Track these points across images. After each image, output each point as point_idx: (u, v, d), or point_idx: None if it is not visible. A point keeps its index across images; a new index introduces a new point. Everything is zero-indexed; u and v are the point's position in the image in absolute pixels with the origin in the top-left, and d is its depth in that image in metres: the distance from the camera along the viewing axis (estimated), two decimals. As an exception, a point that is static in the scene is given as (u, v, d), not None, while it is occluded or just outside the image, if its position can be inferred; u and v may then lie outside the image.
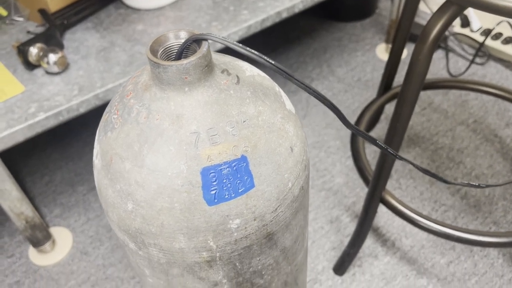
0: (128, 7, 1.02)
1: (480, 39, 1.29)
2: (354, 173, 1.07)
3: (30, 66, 0.87)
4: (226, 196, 0.31)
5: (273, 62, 0.30)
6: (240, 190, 0.31)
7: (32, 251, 0.96)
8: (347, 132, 1.16)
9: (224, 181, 0.31)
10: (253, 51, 0.30)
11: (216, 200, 0.31)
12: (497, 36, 1.28)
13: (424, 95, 1.23)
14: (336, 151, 1.11)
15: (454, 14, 0.54)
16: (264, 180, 0.32)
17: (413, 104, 0.62)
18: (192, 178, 0.30)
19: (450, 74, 1.28)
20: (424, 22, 1.43)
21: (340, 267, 0.89)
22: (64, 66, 0.86)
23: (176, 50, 0.32)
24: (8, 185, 0.81)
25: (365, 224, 0.81)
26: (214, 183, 0.31)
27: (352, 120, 1.19)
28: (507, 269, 0.87)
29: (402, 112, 0.63)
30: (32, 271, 0.93)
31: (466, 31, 1.33)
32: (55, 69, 0.85)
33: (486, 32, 1.30)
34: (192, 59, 0.29)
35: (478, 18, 1.32)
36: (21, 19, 1.01)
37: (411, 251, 0.92)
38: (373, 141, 0.39)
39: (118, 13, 1.01)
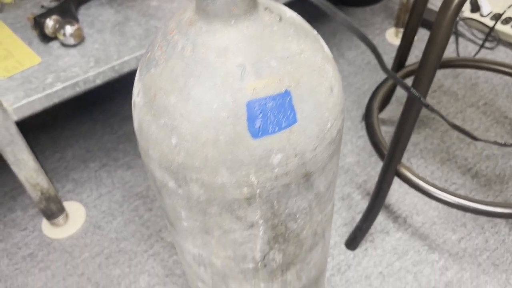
0: (142, -17, 1.02)
1: (490, 23, 1.30)
2: (365, 153, 1.07)
3: (46, 38, 0.87)
4: (270, 130, 0.31)
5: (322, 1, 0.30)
6: (283, 125, 0.32)
7: (45, 225, 0.97)
8: (358, 113, 1.16)
9: (268, 114, 0.31)
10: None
11: (260, 133, 0.31)
12: (507, 20, 1.29)
13: (435, 78, 1.24)
14: (347, 131, 1.12)
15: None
16: (305, 116, 0.32)
17: (433, 73, 0.63)
18: (237, 111, 0.31)
19: (460, 57, 1.28)
20: (435, 8, 1.43)
21: (352, 242, 0.90)
22: (80, 38, 0.86)
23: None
24: (25, 155, 0.82)
25: (379, 197, 0.81)
26: (259, 116, 0.31)
27: (364, 101, 1.19)
28: (518, 245, 0.88)
29: (422, 82, 0.64)
30: (46, 243, 0.94)
31: (476, 15, 1.33)
32: (71, 41, 0.85)
33: (496, 17, 1.30)
34: (241, -10, 0.30)
35: (488, 3, 1.32)
36: (35, -6, 1.01)
37: (422, 228, 0.92)
38: (406, 88, 0.39)
39: (132, -11, 1.01)
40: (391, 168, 0.76)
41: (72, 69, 0.83)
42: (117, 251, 0.92)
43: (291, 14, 0.35)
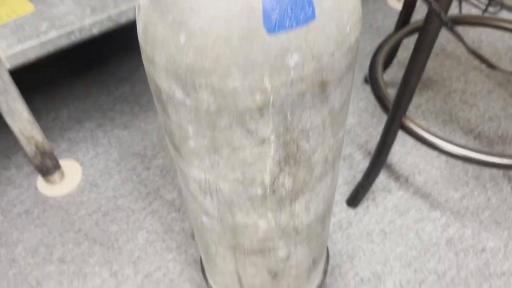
0: None
1: (494, -13, 1.27)
2: (367, 114, 1.06)
3: (40, -14, 0.84)
4: (287, 25, 0.29)
5: None
6: (301, 19, 0.29)
7: (40, 182, 0.94)
8: (360, 76, 1.14)
9: (285, 8, 0.29)
10: None
11: (276, 28, 0.29)
12: (512, -16, 1.26)
13: (437, 41, 1.22)
14: (348, 92, 1.10)
15: None
16: (324, 13, 0.30)
17: (437, 30, 0.60)
18: (252, 2, 0.29)
19: (463, 21, 1.26)
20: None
21: (354, 200, 0.89)
22: (75, -14, 0.83)
23: None
24: (19, 105, 0.79)
25: (382, 152, 0.80)
26: (276, 10, 0.29)
27: (365, 64, 1.17)
28: (521, 203, 0.88)
29: (429, 31, 0.61)
30: (41, 201, 0.92)
31: (480, -21, 1.31)
32: (66, -11, 0.82)
33: (501, -20, 1.27)
34: None
35: (493, -34, 1.29)
36: None
37: (424, 187, 0.91)
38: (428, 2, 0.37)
39: None
40: (396, 121, 0.75)
41: (67, 17, 0.80)
42: (115, 208, 0.90)
43: None
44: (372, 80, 0.86)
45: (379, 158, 0.81)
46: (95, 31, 0.81)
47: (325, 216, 0.50)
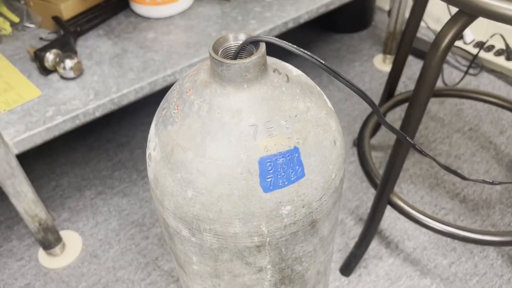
0: (138, 15, 1.05)
1: (473, 51, 1.35)
2: (356, 178, 1.10)
3: (46, 71, 0.89)
4: (280, 184, 0.34)
5: (323, 62, 0.33)
6: (292, 179, 0.34)
7: (41, 254, 0.97)
8: (349, 138, 1.20)
9: (279, 170, 0.33)
10: (306, 52, 0.33)
11: (271, 188, 0.34)
12: (490, 48, 1.34)
13: (421, 104, 1.28)
14: (338, 157, 1.15)
15: (465, 23, 0.58)
16: (312, 170, 0.35)
17: (423, 108, 0.66)
18: (250, 167, 0.33)
19: (445, 84, 1.33)
20: (421, 36, 1.49)
21: (347, 268, 0.92)
22: (79, 71, 0.88)
23: (233, 51, 0.35)
24: (25, 187, 0.83)
25: (372, 225, 0.84)
26: (270, 171, 0.33)
27: (354, 127, 1.23)
28: (506, 269, 0.91)
29: (413, 116, 0.67)
30: (42, 273, 0.94)
31: (459, 43, 1.39)
32: (71, 74, 0.87)
33: (479, 44, 1.36)
34: (253, 58, 0.32)
35: (471, 31, 1.38)
36: (32, 25, 1.03)
37: (414, 253, 0.95)
38: (404, 138, 0.42)
39: (129, 21, 1.04)
40: (384, 197, 0.79)
41: (72, 102, 0.84)
42: (114, 280, 0.93)
43: (296, 72, 0.38)
44: (360, 154, 0.91)
45: (369, 231, 0.85)
46: (98, 114, 0.86)
47: (319, 313, 0.54)
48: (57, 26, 0.97)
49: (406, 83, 1.35)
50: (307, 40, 1.54)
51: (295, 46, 0.33)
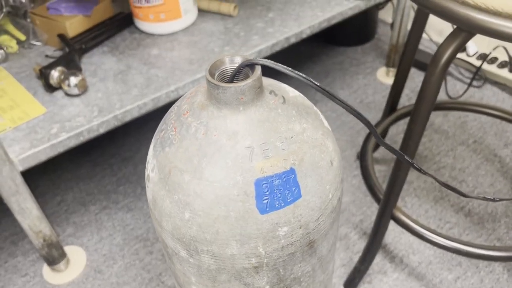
0: (142, 32, 1.06)
1: (477, 63, 1.35)
2: (360, 192, 1.10)
3: (51, 88, 0.90)
4: (277, 205, 0.34)
5: (319, 84, 0.34)
6: (289, 200, 0.34)
7: (46, 270, 0.97)
8: (352, 152, 1.19)
9: (275, 191, 0.34)
10: (302, 74, 0.33)
11: (267, 209, 0.34)
12: (493, 60, 1.34)
13: (425, 116, 1.28)
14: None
15: (464, 40, 0.58)
16: (309, 191, 0.35)
17: (424, 123, 0.66)
18: (247, 189, 0.33)
19: (449, 96, 1.33)
20: (424, 48, 1.49)
21: (351, 283, 0.91)
22: (84, 88, 0.89)
23: (229, 74, 0.35)
24: (29, 204, 0.83)
25: (376, 240, 0.84)
26: (266, 193, 0.34)
27: (357, 140, 1.23)
28: (513, 284, 0.90)
29: (414, 131, 0.67)
30: (47, 289, 0.94)
31: (463, 55, 1.39)
32: (76, 91, 0.88)
33: (482, 57, 1.36)
34: (249, 81, 0.33)
35: (474, 43, 1.38)
36: (38, 43, 1.05)
37: (419, 267, 0.94)
38: (402, 158, 0.42)
39: (133, 37, 1.05)
40: (386, 212, 0.79)
41: (77, 119, 0.85)
42: (118, 296, 0.93)
43: (293, 93, 0.38)
44: (363, 168, 0.91)
45: (372, 246, 0.85)
46: (102, 130, 0.87)
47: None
48: (62, 44, 0.99)
49: (410, 96, 1.35)
50: (310, 54, 1.54)
51: (289, 69, 0.33)
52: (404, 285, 0.91)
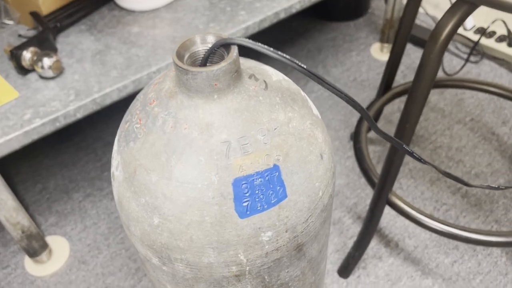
0: (122, 8, 1.00)
1: (474, 37, 1.30)
2: (354, 174, 1.06)
3: (24, 70, 0.84)
4: (259, 208, 0.29)
5: (305, 67, 0.29)
6: (272, 201, 0.30)
7: (28, 262, 0.93)
8: (346, 133, 1.15)
9: (257, 192, 0.29)
10: (286, 56, 0.28)
11: (248, 212, 0.29)
12: (491, 34, 1.29)
13: (421, 94, 1.23)
14: (335, 152, 1.11)
15: (466, 13, 0.53)
16: (296, 190, 0.31)
17: (423, 103, 0.62)
18: (223, 190, 0.29)
19: (445, 72, 1.28)
20: (419, 23, 1.43)
21: (345, 270, 0.88)
22: (59, 70, 0.83)
23: (201, 56, 0.30)
24: (4, 195, 0.78)
25: (370, 226, 0.80)
26: (247, 194, 0.29)
27: (351, 120, 1.18)
28: (511, 267, 0.88)
29: (412, 111, 0.62)
30: (29, 282, 0.91)
31: (459, 30, 1.33)
32: (50, 73, 0.82)
33: (480, 31, 1.30)
34: (223, 64, 0.28)
35: (471, 17, 1.32)
36: (11, 22, 0.98)
37: (415, 252, 0.91)
38: (400, 147, 0.38)
39: (112, 15, 0.99)
40: (382, 198, 0.75)
41: (52, 104, 0.80)
42: (103, 287, 0.89)
43: (277, 77, 0.33)
44: (356, 150, 0.87)
45: (367, 231, 0.81)
46: (80, 115, 0.81)
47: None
48: (35, 22, 0.92)
49: (405, 73, 1.30)
50: (301, 30, 1.48)
51: (271, 49, 0.28)
52: (400, 270, 0.89)
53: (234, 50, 0.29)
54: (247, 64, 0.33)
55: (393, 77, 0.97)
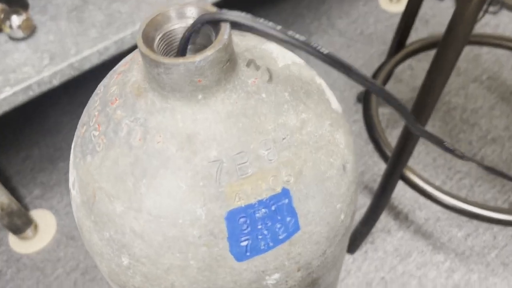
0: (101, -45, 0.88)
1: (494, -15, 1.17)
2: (361, 140, 0.98)
3: (-10, 31, 0.74)
4: (263, 247, 0.22)
5: (329, 52, 0.20)
6: (280, 237, 0.22)
7: (12, 238, 0.87)
8: (352, 93, 1.06)
9: (259, 227, 0.21)
10: (301, 37, 0.20)
11: (248, 254, 0.22)
12: (513, -19, 1.16)
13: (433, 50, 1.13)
14: (340, 115, 1.02)
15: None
16: (312, 219, 0.23)
17: (450, 70, 0.53)
18: (213, 227, 0.21)
19: (461, 25, 1.17)
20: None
21: (352, 245, 0.83)
22: (30, 30, 0.73)
23: (180, 36, 0.21)
24: (-24, 173, 0.71)
25: (381, 202, 0.73)
26: (245, 231, 0.21)
27: (357, 80, 1.09)
28: (529, 241, 0.82)
29: (438, 80, 0.54)
30: (14, 259, 0.85)
31: (478, -24, 1.21)
32: (20, 34, 0.73)
33: (501, -23, 1.18)
34: (209, 53, 0.19)
35: (492, -39, 1.19)
36: (-25, -28, 0.86)
37: (426, 224, 0.85)
38: (439, 144, 0.30)
39: (90, -37, 0.87)
40: (396, 173, 0.68)
41: (23, 69, 0.71)
42: (94, 265, 0.84)
43: (284, 60, 0.24)
44: (366, 117, 0.79)
45: (378, 207, 0.75)
46: (56, 82, 0.72)
47: None
48: (1, -27, 0.81)
49: (419, 29, 1.19)
50: (303, -23, 1.35)
51: (278, 27, 0.20)
52: (410, 245, 0.83)
53: (226, 30, 0.20)
54: (245, 42, 0.24)
55: (408, 32, 0.87)
